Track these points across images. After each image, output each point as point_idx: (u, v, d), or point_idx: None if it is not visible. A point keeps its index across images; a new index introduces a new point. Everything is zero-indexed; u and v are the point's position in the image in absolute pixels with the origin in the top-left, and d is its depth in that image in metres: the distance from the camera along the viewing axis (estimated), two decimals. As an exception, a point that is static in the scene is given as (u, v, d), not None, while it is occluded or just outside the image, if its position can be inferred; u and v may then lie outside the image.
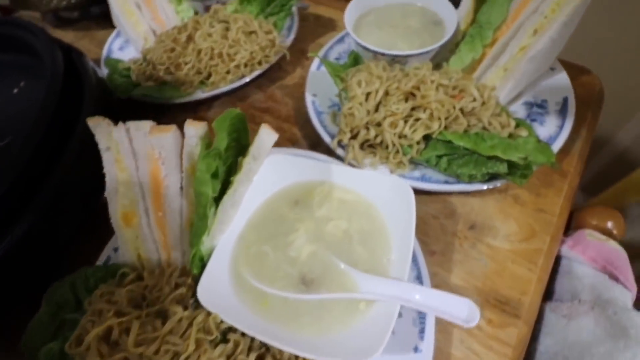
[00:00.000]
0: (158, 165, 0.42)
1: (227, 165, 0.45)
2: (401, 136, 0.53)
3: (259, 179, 0.50)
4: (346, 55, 0.73)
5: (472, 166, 0.50)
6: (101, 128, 0.43)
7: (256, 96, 0.76)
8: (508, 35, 0.58)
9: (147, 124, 0.41)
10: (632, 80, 1.16)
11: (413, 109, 0.53)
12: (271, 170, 0.51)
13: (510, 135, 0.54)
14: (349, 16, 0.67)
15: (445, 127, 0.52)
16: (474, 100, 0.52)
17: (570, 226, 0.60)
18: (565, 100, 0.60)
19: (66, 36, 1.00)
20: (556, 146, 0.55)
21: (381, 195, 0.48)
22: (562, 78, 0.63)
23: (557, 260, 0.56)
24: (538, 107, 0.60)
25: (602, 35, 1.21)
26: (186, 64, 0.71)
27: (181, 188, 0.45)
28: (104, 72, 0.77)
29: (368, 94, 0.55)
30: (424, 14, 0.69)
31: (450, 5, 0.65)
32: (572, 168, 0.58)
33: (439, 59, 0.66)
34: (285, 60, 0.78)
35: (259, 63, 0.73)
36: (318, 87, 0.68)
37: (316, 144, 0.65)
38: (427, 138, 0.53)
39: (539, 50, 0.54)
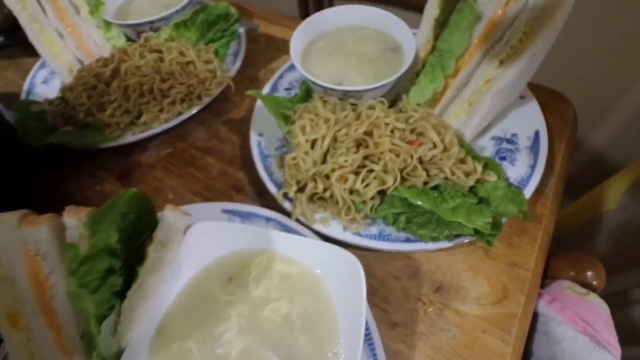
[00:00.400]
0: (37, 262, 0.33)
1: (128, 251, 0.36)
2: (352, 191, 0.45)
3: (184, 252, 0.42)
4: (298, 85, 0.65)
5: (433, 227, 0.43)
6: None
7: (198, 133, 0.67)
8: (472, 64, 0.52)
9: (13, 217, 0.32)
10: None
11: (366, 157, 0.46)
12: (199, 240, 0.42)
13: (478, 181, 0.48)
14: (296, 43, 0.59)
15: (403, 179, 0.45)
16: (434, 146, 0.45)
17: (547, 274, 0.54)
18: (537, 134, 0.54)
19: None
20: (529, 190, 0.49)
21: (328, 266, 0.41)
22: (532, 108, 0.56)
23: (534, 316, 0.50)
24: (508, 143, 0.54)
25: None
26: (111, 102, 0.61)
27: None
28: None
29: (314, 141, 0.47)
30: (380, 39, 0.61)
31: (407, 30, 0.58)
32: (547, 210, 0.52)
33: (399, 88, 0.59)
34: (232, 91, 0.69)
35: (199, 97, 0.65)
36: (265, 124, 0.60)
37: (263, 193, 0.56)
38: (383, 192, 0.46)
39: (506, 83, 0.48)
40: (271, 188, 0.52)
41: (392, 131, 0.46)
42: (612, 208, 1.17)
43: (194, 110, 0.64)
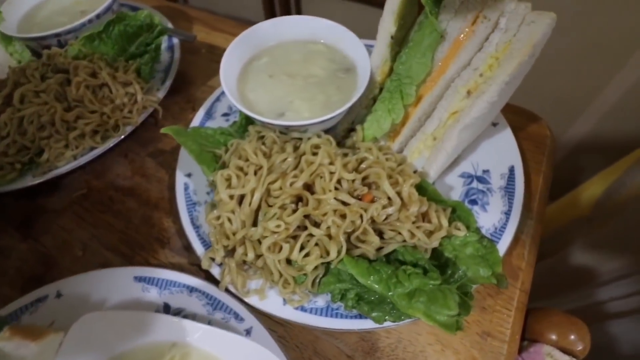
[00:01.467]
0: None
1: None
2: (289, 261, 0.36)
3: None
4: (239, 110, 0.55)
5: (387, 310, 0.34)
6: None
7: (119, 169, 0.56)
8: (435, 92, 0.43)
9: None
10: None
11: (306, 216, 0.37)
12: (95, 334, 0.33)
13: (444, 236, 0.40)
14: (231, 62, 0.49)
15: (351, 245, 0.36)
16: (389, 202, 0.36)
17: (525, 334, 0.47)
18: (511, 172, 0.46)
19: None
20: (503, 244, 0.41)
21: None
22: (506, 138, 0.49)
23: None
24: (479, 182, 0.46)
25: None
26: (3, 138, 0.50)
27: None
28: None
29: (242, 197, 0.38)
30: (332, 56, 0.52)
31: (362, 48, 0.48)
32: (524, 262, 0.45)
33: (354, 115, 0.50)
34: (160, 116, 0.58)
35: (116, 128, 0.53)
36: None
37: (191, 249, 0.46)
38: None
39: (475, 117, 0.39)
40: (197, 247, 0.43)
41: (339, 182, 0.37)
42: (587, 214, 1.14)
43: (109, 144, 0.53)
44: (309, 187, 0.38)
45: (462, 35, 0.40)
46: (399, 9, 0.44)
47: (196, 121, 0.54)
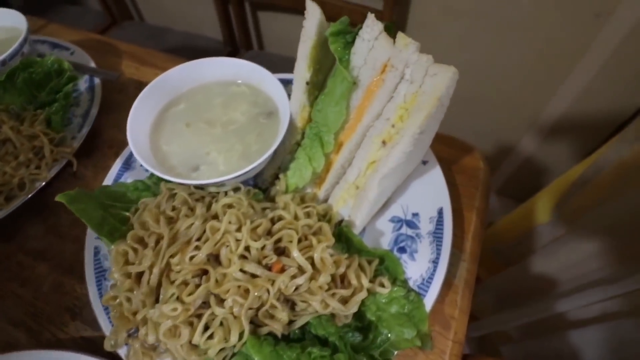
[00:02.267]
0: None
1: None
2: (193, 346, 0.33)
3: None
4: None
5: (298, 394, 0.31)
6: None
7: (31, 229, 0.51)
8: (354, 140, 0.41)
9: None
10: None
11: (211, 293, 0.34)
12: None
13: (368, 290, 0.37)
14: (140, 113, 0.46)
15: (260, 321, 0.33)
16: (300, 270, 0.34)
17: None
18: (440, 214, 0.44)
19: None
20: (430, 297, 0.40)
21: None
22: (435, 177, 0.47)
23: None
24: (408, 227, 0.44)
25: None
26: None
27: None
28: None
29: (140, 274, 0.34)
30: (254, 99, 0.49)
31: (282, 90, 0.46)
32: (457, 310, 0.43)
33: (279, 162, 0.47)
34: (81, 162, 0.54)
35: (21, 187, 0.49)
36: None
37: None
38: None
39: (393, 167, 0.38)
40: (104, 324, 0.39)
41: (247, 249, 0.35)
42: (545, 221, 1.16)
43: (14, 206, 0.48)
44: (216, 257, 0.35)
45: (373, 84, 0.38)
46: (312, 54, 0.42)
47: (112, 173, 0.50)
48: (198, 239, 0.35)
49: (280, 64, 1.64)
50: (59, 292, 0.46)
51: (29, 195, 0.49)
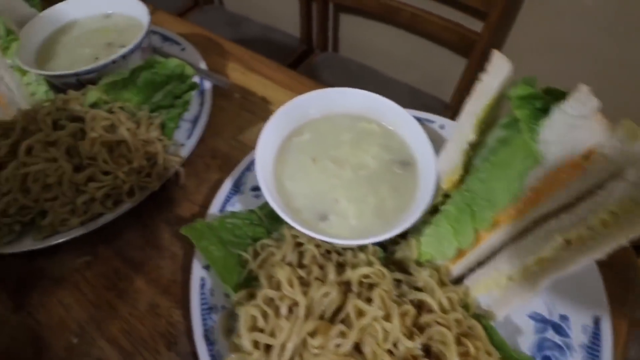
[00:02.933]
0: None
1: None
2: None
3: None
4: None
5: None
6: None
7: (130, 235, 0.49)
8: (518, 224, 0.35)
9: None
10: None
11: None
12: None
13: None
14: (266, 143, 0.42)
15: None
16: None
17: None
18: (597, 324, 0.37)
19: None
20: None
21: None
22: (591, 274, 0.40)
23: None
24: (555, 331, 0.38)
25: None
26: (3, 195, 0.43)
27: None
28: None
29: (269, 346, 0.30)
30: (386, 142, 0.44)
31: (425, 139, 0.40)
32: None
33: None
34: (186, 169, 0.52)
35: (130, 193, 0.47)
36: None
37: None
38: None
39: (573, 270, 0.31)
40: (207, 371, 0.36)
41: (394, 346, 0.30)
42: None
43: (121, 211, 0.46)
44: (356, 345, 0.30)
45: (565, 168, 0.32)
46: (484, 113, 0.35)
47: (220, 196, 0.47)
48: (342, 321, 0.30)
49: (356, 71, 1.57)
50: (155, 314, 0.44)
51: (136, 203, 0.47)
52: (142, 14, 0.57)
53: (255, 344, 0.31)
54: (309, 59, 1.66)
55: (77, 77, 0.50)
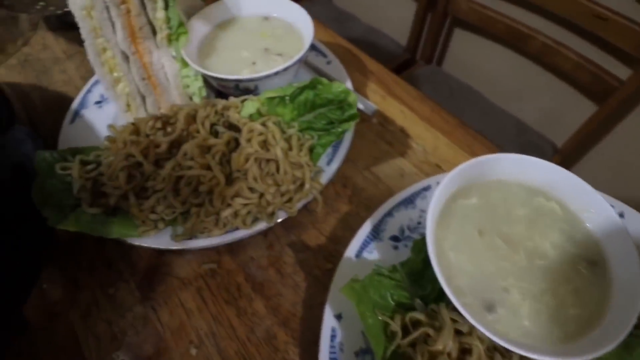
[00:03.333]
0: None
1: None
2: None
3: None
4: (413, 237, 0.44)
5: None
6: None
7: (255, 251, 0.49)
8: None
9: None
10: None
11: None
12: None
13: None
14: (433, 209, 0.37)
15: None
16: None
17: None
18: None
19: (55, 47, 0.76)
20: None
21: None
22: None
23: None
24: None
25: None
26: (155, 192, 0.44)
27: None
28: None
29: None
30: (569, 229, 0.38)
31: (621, 229, 0.34)
32: None
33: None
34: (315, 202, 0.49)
35: (270, 215, 0.46)
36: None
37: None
38: None
39: None
40: None
41: None
42: None
43: (256, 230, 0.45)
44: None
45: None
46: None
47: (359, 239, 0.44)
48: None
49: (459, 90, 1.48)
50: (272, 345, 0.42)
51: (271, 225, 0.46)
52: (304, 24, 0.55)
53: None
54: (411, 69, 1.59)
55: (237, 83, 0.50)
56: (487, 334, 0.31)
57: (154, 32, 0.53)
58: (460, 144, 0.57)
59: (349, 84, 0.59)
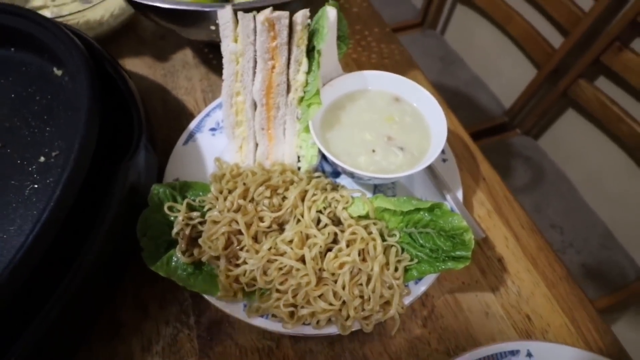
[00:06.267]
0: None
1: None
2: None
3: None
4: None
5: None
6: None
7: (317, 346, 0.48)
8: None
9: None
10: None
11: None
12: None
13: None
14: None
15: None
16: None
17: None
18: None
19: (187, 50, 0.79)
20: None
21: None
22: None
23: None
24: None
25: None
26: (245, 263, 0.45)
27: None
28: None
29: None
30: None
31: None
32: None
33: None
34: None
35: (344, 321, 0.44)
36: None
37: None
38: None
39: None
40: None
41: None
42: None
43: (326, 331, 0.44)
44: None
45: None
46: None
47: None
48: None
49: (550, 172, 1.36)
50: None
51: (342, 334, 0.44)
52: (435, 118, 0.51)
53: None
54: (506, 135, 1.49)
55: (353, 175, 0.48)
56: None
57: (288, 91, 0.53)
58: (561, 301, 0.51)
59: (459, 194, 0.55)
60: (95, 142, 0.42)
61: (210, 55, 0.77)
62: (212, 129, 0.62)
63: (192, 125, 0.61)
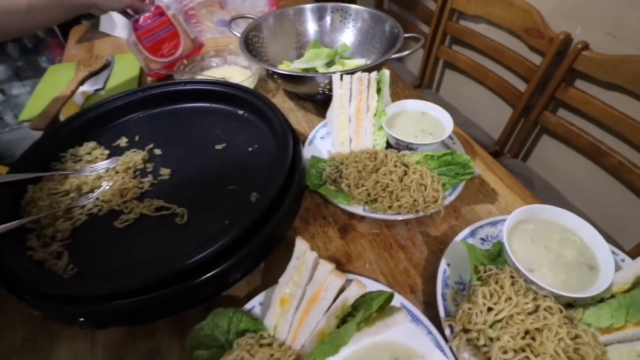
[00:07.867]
0: (322, 289, 0.60)
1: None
2: (508, 364, 0.60)
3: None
4: (493, 241, 0.82)
5: None
6: (301, 245, 0.63)
7: (400, 230, 0.91)
8: (658, 328, 0.60)
9: (329, 266, 0.60)
10: None
11: (528, 344, 0.60)
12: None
13: None
14: (511, 220, 0.76)
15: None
16: (590, 373, 0.56)
17: None
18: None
19: (291, 102, 1.33)
20: None
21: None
22: None
23: None
24: (660, 408, 0.59)
25: None
26: (363, 186, 0.90)
27: (326, 310, 0.62)
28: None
29: (491, 308, 0.64)
30: (582, 251, 0.73)
31: (611, 260, 0.68)
32: None
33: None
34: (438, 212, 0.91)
35: (416, 210, 0.88)
36: (456, 257, 0.79)
37: (429, 306, 0.75)
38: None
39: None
40: (441, 312, 0.71)
41: (559, 340, 0.59)
42: None
43: (409, 216, 0.87)
44: (537, 331, 0.61)
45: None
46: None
47: (460, 237, 0.83)
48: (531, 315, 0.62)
49: (539, 184, 1.78)
50: (407, 274, 0.82)
51: (416, 216, 0.88)
52: (447, 121, 1.01)
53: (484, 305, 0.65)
54: (500, 159, 1.95)
55: (408, 144, 0.96)
56: (528, 276, 0.68)
57: (367, 110, 1.04)
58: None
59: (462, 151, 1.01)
60: (290, 135, 0.91)
61: (305, 104, 1.31)
62: (322, 137, 1.12)
63: (310, 135, 1.12)
